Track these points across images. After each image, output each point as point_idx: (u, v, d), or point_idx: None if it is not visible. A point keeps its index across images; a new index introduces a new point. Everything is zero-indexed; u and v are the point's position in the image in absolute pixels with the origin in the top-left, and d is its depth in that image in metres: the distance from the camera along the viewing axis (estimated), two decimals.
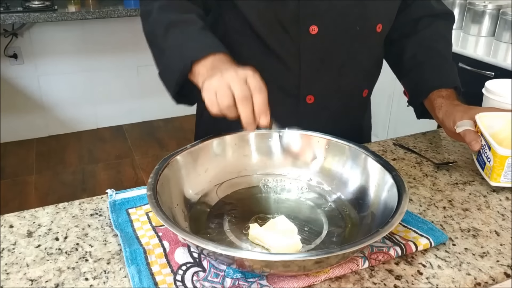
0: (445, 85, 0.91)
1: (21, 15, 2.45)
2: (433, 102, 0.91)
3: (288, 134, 0.78)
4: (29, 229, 0.69)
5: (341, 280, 0.60)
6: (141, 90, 3.33)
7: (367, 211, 0.70)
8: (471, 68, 1.99)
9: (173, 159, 0.71)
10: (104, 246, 0.66)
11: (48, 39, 2.93)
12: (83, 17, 2.59)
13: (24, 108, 3.04)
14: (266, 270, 0.56)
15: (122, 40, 3.13)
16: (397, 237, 0.66)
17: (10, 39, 2.83)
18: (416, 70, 0.95)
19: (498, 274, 0.62)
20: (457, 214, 0.75)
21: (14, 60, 2.89)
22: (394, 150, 0.96)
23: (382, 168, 0.71)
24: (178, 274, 0.59)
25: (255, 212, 0.72)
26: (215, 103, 0.66)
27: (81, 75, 3.12)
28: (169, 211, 0.63)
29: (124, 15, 2.68)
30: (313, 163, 0.80)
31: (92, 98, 3.21)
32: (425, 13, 0.98)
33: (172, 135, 3.26)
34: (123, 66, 3.21)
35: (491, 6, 2.26)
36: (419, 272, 0.62)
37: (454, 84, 0.92)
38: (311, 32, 0.83)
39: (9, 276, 0.60)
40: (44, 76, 3.02)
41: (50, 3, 2.59)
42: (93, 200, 0.77)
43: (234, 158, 0.80)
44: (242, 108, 0.65)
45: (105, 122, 3.32)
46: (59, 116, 3.16)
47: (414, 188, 0.82)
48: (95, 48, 3.08)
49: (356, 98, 0.97)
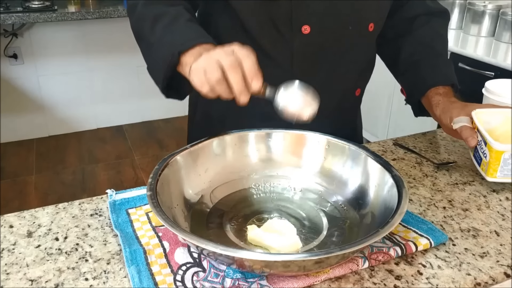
0: (442, 82, 0.92)
1: (21, 15, 2.45)
2: (430, 99, 0.91)
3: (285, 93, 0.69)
4: (29, 229, 0.69)
5: (341, 280, 0.60)
6: (141, 90, 3.33)
7: (367, 211, 0.70)
8: (471, 68, 1.99)
9: (173, 159, 0.71)
10: (104, 246, 0.66)
11: (48, 39, 2.93)
12: (83, 17, 2.59)
13: (24, 108, 3.04)
14: (266, 270, 0.56)
15: (122, 40, 3.13)
16: (397, 237, 0.66)
17: (10, 39, 2.83)
18: (413, 68, 0.96)
19: (498, 274, 0.62)
20: (457, 214, 0.75)
21: (14, 60, 2.90)
22: (394, 150, 0.96)
23: (382, 168, 0.71)
24: (178, 274, 0.59)
25: (255, 212, 0.72)
26: (205, 81, 0.64)
27: (81, 75, 3.12)
28: (169, 211, 0.63)
29: (124, 15, 2.68)
30: (313, 163, 0.80)
31: (92, 98, 3.21)
32: (420, 12, 0.98)
33: (172, 135, 3.26)
34: (123, 66, 3.21)
35: (491, 6, 2.26)
36: (419, 272, 0.62)
37: (451, 81, 0.92)
38: (303, 32, 0.83)
39: (9, 276, 0.60)
40: (44, 76, 3.02)
41: (50, 3, 2.60)
42: (93, 200, 0.77)
43: (234, 158, 0.80)
44: (232, 75, 0.63)
45: (105, 122, 3.32)
46: (59, 116, 3.16)
47: (414, 188, 0.82)
48: (95, 48, 3.08)
49: (349, 97, 0.98)
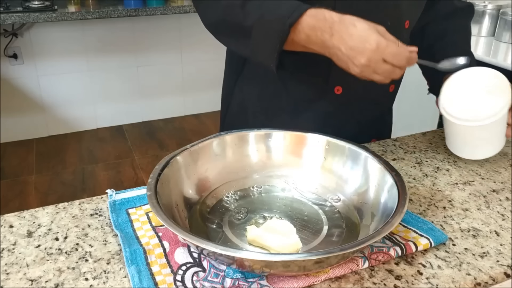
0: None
1: (21, 15, 2.45)
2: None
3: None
4: (29, 229, 0.69)
5: (341, 280, 0.60)
6: (141, 90, 3.34)
7: (367, 211, 0.70)
8: None
9: (173, 159, 0.71)
10: (104, 246, 0.66)
11: (48, 39, 2.93)
12: (83, 17, 2.59)
13: (24, 108, 3.04)
14: (266, 270, 0.56)
15: (122, 40, 3.13)
16: (397, 237, 0.66)
17: (10, 39, 2.83)
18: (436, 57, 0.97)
19: (498, 274, 0.62)
20: (457, 214, 0.75)
21: (14, 60, 2.89)
22: (394, 150, 0.96)
23: (382, 168, 0.71)
24: (178, 274, 0.59)
25: (255, 212, 0.72)
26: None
27: (81, 75, 3.12)
28: (169, 211, 0.63)
29: (124, 15, 2.68)
30: (313, 163, 0.80)
31: (92, 98, 3.21)
32: (447, 10, 1.01)
33: (172, 135, 3.26)
34: (123, 66, 3.21)
35: (491, 6, 2.26)
36: (419, 272, 0.62)
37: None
38: None
39: (9, 276, 0.60)
40: (44, 76, 3.02)
41: (50, 3, 2.59)
42: (93, 200, 0.77)
43: (234, 158, 0.80)
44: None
45: (105, 122, 3.32)
46: (59, 116, 3.16)
47: (414, 188, 0.82)
48: (95, 48, 3.08)
49: (383, 92, 0.99)
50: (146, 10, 2.73)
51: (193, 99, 3.53)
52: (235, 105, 1.04)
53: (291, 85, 0.93)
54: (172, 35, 3.26)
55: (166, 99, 3.45)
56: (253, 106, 1.00)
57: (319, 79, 0.91)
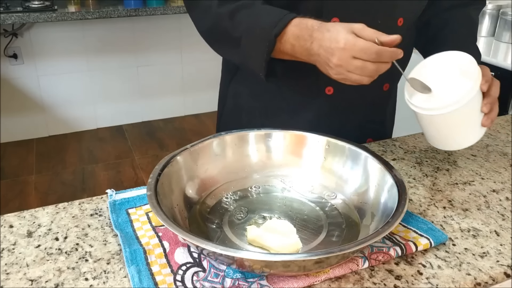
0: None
1: (21, 15, 2.45)
2: None
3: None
4: (29, 229, 0.69)
5: (341, 280, 0.60)
6: (141, 90, 3.34)
7: (367, 211, 0.70)
8: None
9: (173, 159, 0.71)
10: (104, 246, 0.66)
11: (48, 39, 2.93)
12: (83, 17, 2.59)
13: (24, 108, 3.04)
14: (266, 270, 0.56)
15: (122, 40, 3.13)
16: (397, 237, 0.66)
17: (10, 39, 2.83)
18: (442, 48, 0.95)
19: (498, 274, 0.62)
20: (457, 214, 0.75)
21: (14, 60, 2.90)
22: (394, 150, 0.96)
23: (382, 168, 0.71)
24: (178, 274, 0.59)
25: (255, 212, 0.72)
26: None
27: (81, 75, 3.12)
28: (169, 211, 0.63)
29: (124, 15, 2.68)
30: (313, 163, 0.80)
31: (92, 98, 3.21)
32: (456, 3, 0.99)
33: (172, 135, 3.26)
34: (123, 66, 3.21)
35: (491, 6, 2.26)
36: (419, 272, 0.62)
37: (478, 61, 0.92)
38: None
39: (9, 276, 0.60)
40: (44, 76, 3.02)
41: (50, 3, 2.59)
42: (93, 200, 0.77)
43: (234, 158, 0.80)
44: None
45: (105, 122, 3.32)
46: (59, 116, 3.16)
47: (414, 188, 0.82)
48: (95, 48, 3.08)
49: (376, 91, 0.98)
50: (146, 10, 2.73)
51: (193, 99, 3.53)
52: (230, 104, 1.04)
53: (284, 86, 0.93)
54: (172, 35, 3.26)
55: (166, 99, 3.45)
56: (247, 105, 1.00)
57: (309, 80, 0.90)
